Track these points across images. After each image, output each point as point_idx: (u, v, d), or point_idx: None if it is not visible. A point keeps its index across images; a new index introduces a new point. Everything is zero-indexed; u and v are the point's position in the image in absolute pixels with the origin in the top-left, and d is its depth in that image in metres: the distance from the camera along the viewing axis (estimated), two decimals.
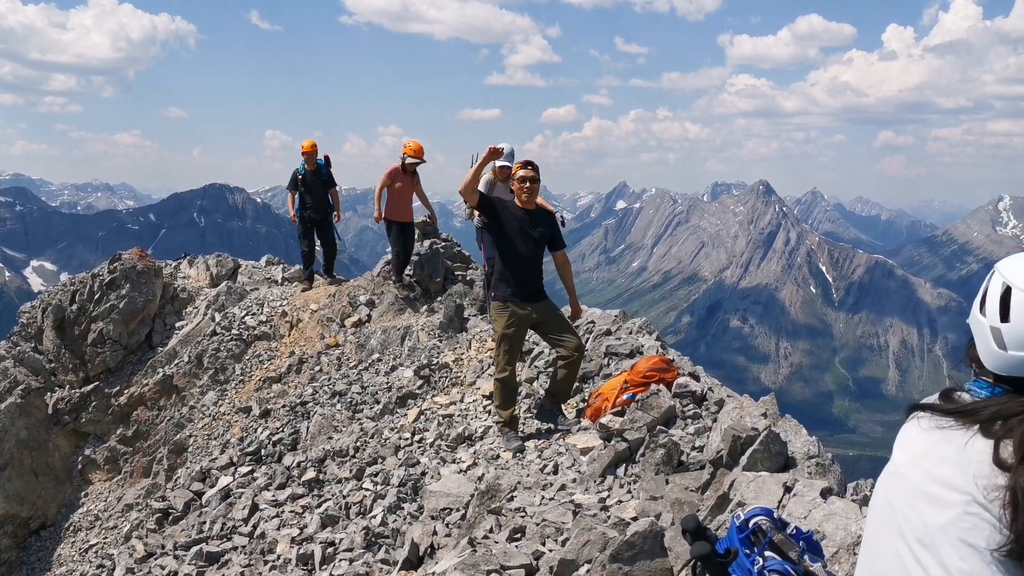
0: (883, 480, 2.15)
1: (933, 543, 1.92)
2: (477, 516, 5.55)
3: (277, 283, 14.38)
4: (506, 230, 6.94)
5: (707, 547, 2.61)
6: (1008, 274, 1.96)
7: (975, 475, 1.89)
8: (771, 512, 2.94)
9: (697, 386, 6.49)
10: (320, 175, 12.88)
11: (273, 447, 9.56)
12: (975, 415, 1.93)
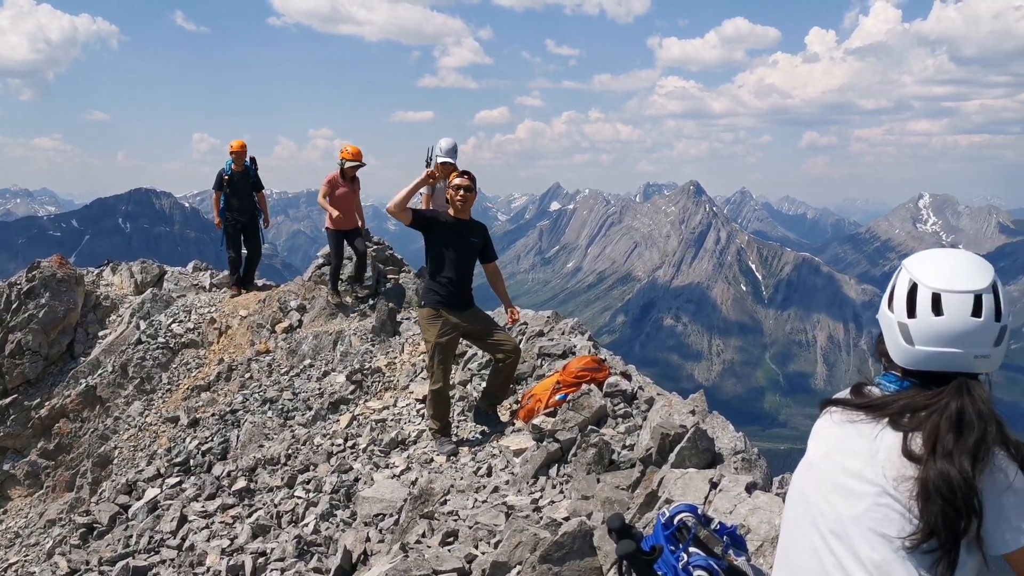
0: (798, 474, 2.21)
1: (846, 534, 1.98)
2: (410, 521, 5.52)
3: (205, 289, 14.08)
4: (439, 241, 6.92)
5: (632, 545, 2.63)
6: (914, 271, 2.02)
7: (884, 467, 1.95)
8: (695, 508, 2.99)
9: (628, 385, 6.56)
10: (248, 177, 12.60)
11: (202, 457, 9.37)
12: (884, 409, 2.00)
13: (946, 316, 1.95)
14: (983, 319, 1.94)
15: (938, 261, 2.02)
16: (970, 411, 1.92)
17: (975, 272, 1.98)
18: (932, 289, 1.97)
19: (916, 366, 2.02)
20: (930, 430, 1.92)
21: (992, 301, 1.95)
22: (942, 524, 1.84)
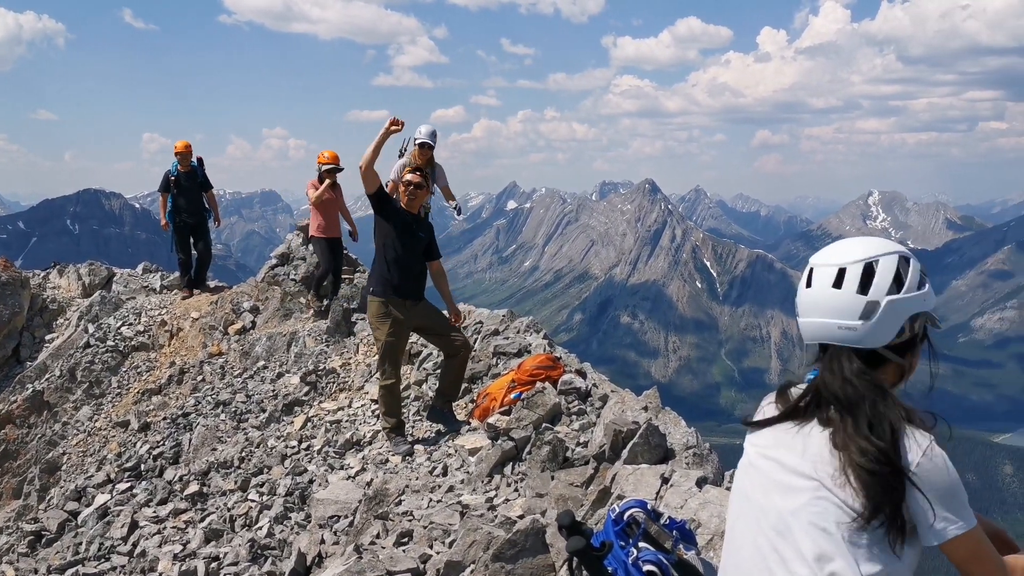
0: (739, 473, 2.25)
1: (788, 530, 2.01)
2: (364, 522, 5.49)
3: (155, 291, 13.87)
4: (391, 226, 6.91)
5: (582, 542, 2.65)
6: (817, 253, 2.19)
7: (816, 462, 2.00)
8: (645, 504, 3.01)
9: (582, 383, 6.59)
10: (195, 177, 12.43)
11: (153, 461, 9.22)
12: (803, 409, 2.08)
13: (813, 287, 2.09)
14: (842, 290, 2.04)
15: (838, 242, 2.16)
16: (832, 382, 2.02)
17: (855, 249, 2.09)
18: (810, 264, 2.13)
19: (804, 339, 2.15)
20: (837, 426, 1.99)
21: (858, 274, 2.04)
22: (882, 496, 1.89)
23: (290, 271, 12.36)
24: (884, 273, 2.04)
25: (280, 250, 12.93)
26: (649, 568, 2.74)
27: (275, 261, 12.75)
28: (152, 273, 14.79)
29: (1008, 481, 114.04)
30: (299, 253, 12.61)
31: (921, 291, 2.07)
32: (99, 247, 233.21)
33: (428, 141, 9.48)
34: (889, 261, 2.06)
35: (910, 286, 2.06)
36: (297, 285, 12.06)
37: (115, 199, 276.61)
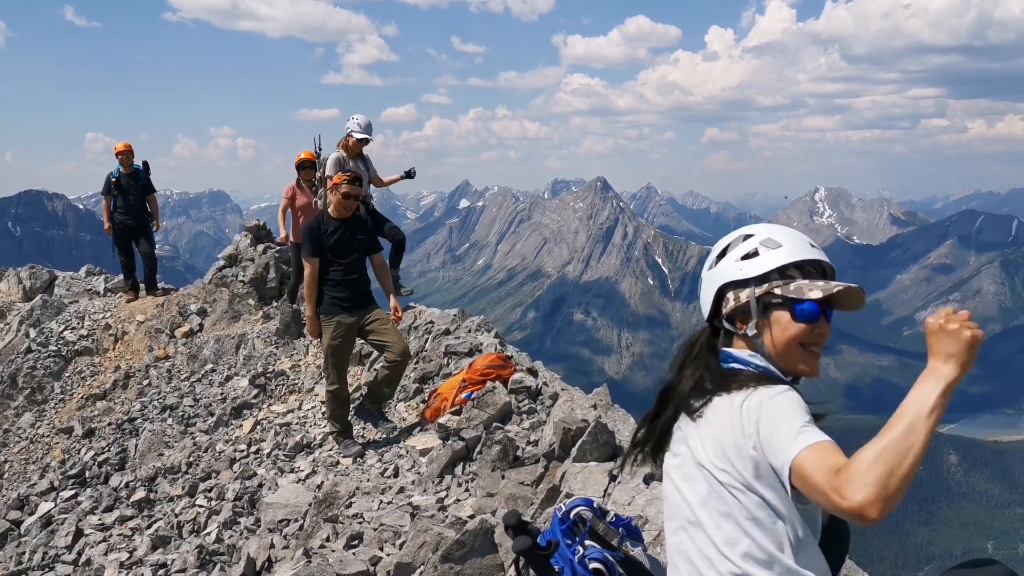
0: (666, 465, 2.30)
1: (698, 520, 2.07)
2: (314, 525, 5.44)
3: (99, 294, 13.59)
4: (328, 252, 6.81)
5: (528, 541, 2.66)
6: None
7: (695, 447, 2.09)
8: (591, 502, 3.04)
9: (533, 381, 6.62)
10: (138, 179, 12.22)
11: (99, 468, 9.04)
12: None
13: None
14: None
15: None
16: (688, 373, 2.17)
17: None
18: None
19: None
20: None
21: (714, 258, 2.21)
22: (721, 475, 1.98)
23: (238, 272, 12.21)
24: (716, 250, 2.19)
25: (228, 251, 12.76)
26: (595, 566, 2.76)
27: (223, 262, 12.57)
28: (96, 276, 14.50)
29: (953, 471, 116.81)
30: (248, 254, 12.46)
31: (741, 262, 2.13)
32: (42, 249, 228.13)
33: (366, 137, 9.32)
34: (727, 239, 2.19)
35: (728, 259, 2.15)
36: (246, 287, 11.91)
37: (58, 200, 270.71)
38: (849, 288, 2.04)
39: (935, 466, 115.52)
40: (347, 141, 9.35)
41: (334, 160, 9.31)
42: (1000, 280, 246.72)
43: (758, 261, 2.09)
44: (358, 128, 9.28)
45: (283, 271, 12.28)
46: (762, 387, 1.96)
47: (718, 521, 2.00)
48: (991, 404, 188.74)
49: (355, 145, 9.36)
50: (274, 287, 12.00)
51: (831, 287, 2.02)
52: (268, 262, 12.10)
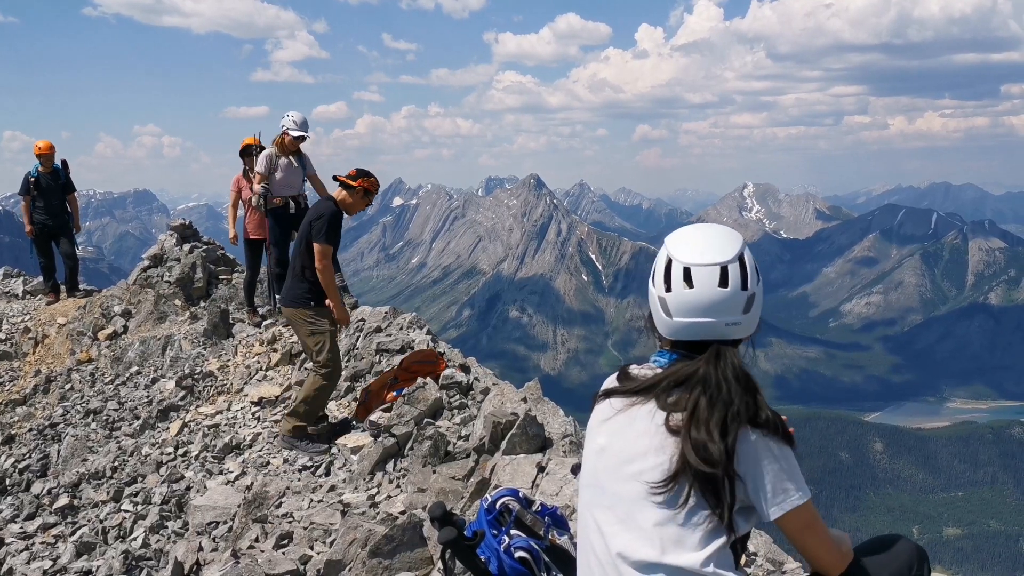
0: (588, 459, 2.31)
1: (630, 517, 2.10)
2: (243, 527, 5.38)
3: (18, 297, 13.18)
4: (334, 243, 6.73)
5: (453, 532, 2.68)
6: (670, 247, 2.17)
7: (648, 448, 2.09)
8: (517, 492, 3.07)
9: (464, 377, 6.63)
10: (58, 178, 11.90)
11: (19, 475, 8.77)
12: (654, 388, 2.14)
13: (696, 288, 2.08)
14: (729, 289, 2.08)
15: (690, 236, 2.18)
16: (716, 377, 2.05)
17: (722, 244, 2.12)
18: (683, 263, 2.11)
19: (677, 336, 2.16)
20: (691, 404, 2.06)
21: (738, 271, 2.09)
22: (709, 487, 1.98)
23: (164, 273, 11.95)
24: (751, 264, 2.12)
25: (153, 251, 12.48)
26: (521, 554, 2.80)
27: (148, 263, 12.29)
28: (14, 278, 14.05)
29: (879, 458, 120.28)
30: (174, 254, 12.20)
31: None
32: None
33: (303, 134, 9.19)
34: (748, 252, 2.13)
35: (756, 270, 2.15)
36: (172, 287, 11.66)
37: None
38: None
39: (861, 453, 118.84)
40: (282, 139, 9.20)
41: (264, 157, 9.18)
42: (921, 272, 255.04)
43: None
44: (293, 125, 9.15)
45: (210, 271, 12.07)
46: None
47: (655, 516, 2.04)
48: (914, 392, 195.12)
49: (291, 143, 9.22)
50: (201, 287, 11.77)
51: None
52: (195, 262, 11.87)
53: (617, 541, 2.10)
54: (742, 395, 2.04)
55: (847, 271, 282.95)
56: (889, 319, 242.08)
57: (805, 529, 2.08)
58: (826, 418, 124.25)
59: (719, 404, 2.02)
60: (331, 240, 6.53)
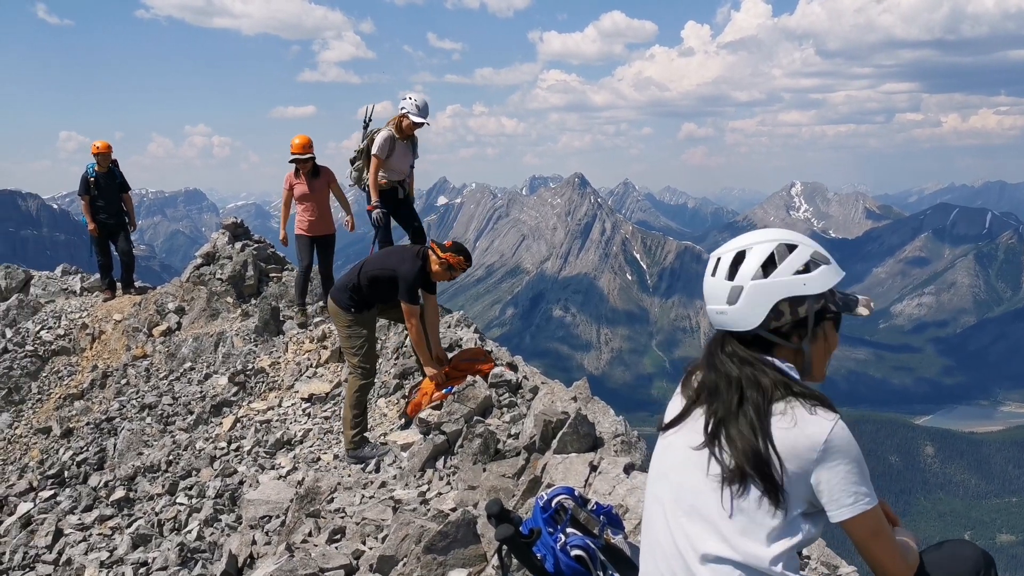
0: (657, 452, 2.33)
1: (695, 510, 2.11)
2: (296, 521, 5.46)
3: (76, 294, 13.49)
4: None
5: (511, 529, 2.70)
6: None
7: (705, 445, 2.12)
8: (573, 491, 3.08)
9: (513, 375, 6.65)
10: (113, 177, 12.15)
11: (77, 468, 8.99)
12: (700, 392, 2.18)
13: (706, 276, 2.23)
14: (715, 278, 2.18)
15: (743, 234, 2.26)
16: (713, 374, 2.14)
17: (739, 239, 2.21)
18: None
19: (718, 327, 2.25)
20: (708, 414, 2.13)
21: (728, 261, 2.17)
22: (767, 488, 1.98)
23: (216, 270, 12.15)
24: (753, 260, 2.14)
25: (205, 249, 12.69)
26: (577, 553, 2.80)
27: (200, 261, 12.51)
28: (72, 275, 14.38)
29: (930, 462, 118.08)
30: (225, 252, 12.40)
31: (799, 276, 2.12)
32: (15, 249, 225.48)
33: (425, 121, 8.60)
34: (763, 248, 2.14)
35: (782, 271, 2.12)
36: (224, 285, 11.86)
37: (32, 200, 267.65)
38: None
39: (912, 457, 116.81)
40: (400, 121, 8.66)
41: (384, 139, 8.64)
42: (974, 273, 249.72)
43: (819, 277, 2.13)
44: (416, 109, 8.52)
45: (261, 268, 12.25)
46: (820, 409, 2.04)
47: (720, 515, 2.05)
48: (966, 395, 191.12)
49: (408, 127, 8.71)
50: (252, 284, 11.96)
51: (870, 303, 2.20)
52: (246, 260, 12.06)
53: (683, 534, 2.11)
54: (741, 369, 2.10)
55: (898, 271, 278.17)
56: (941, 320, 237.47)
57: (871, 536, 2.05)
58: (876, 421, 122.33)
59: (718, 391, 2.12)
60: (416, 299, 6.52)
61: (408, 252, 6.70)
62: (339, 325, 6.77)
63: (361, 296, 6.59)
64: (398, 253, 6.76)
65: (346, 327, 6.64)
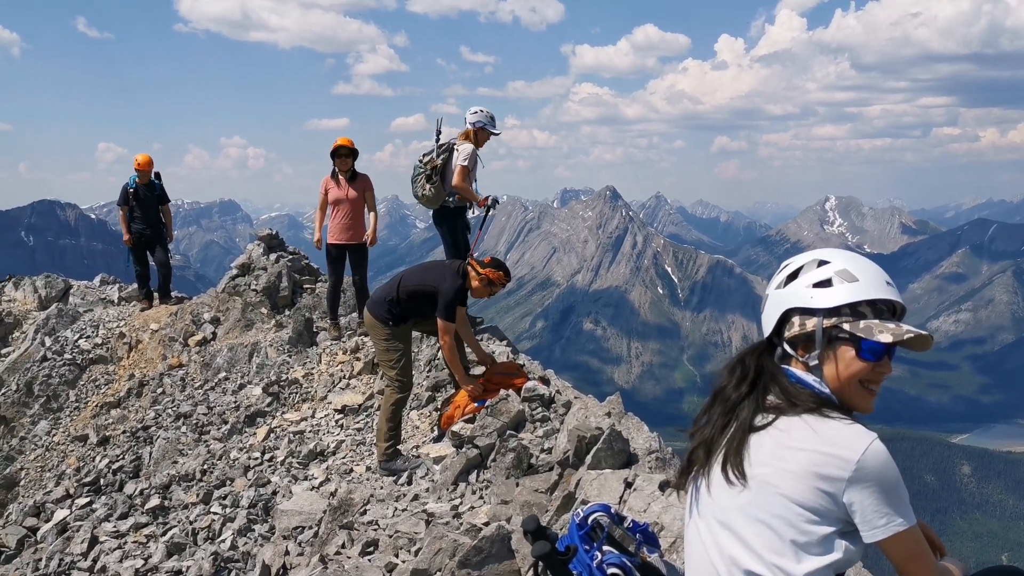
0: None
1: (731, 524, 2.09)
2: (329, 532, 5.47)
3: (113, 303, 13.69)
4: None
5: (547, 546, 2.68)
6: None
7: (752, 458, 2.11)
8: (609, 508, 3.06)
9: (545, 389, 6.63)
10: (153, 189, 12.32)
11: (113, 476, 9.10)
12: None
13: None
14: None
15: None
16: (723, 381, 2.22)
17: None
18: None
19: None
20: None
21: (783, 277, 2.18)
22: (803, 504, 1.98)
23: (251, 281, 12.28)
24: (786, 271, 2.15)
25: (241, 260, 12.83)
26: (613, 571, 2.78)
27: (236, 271, 12.64)
28: (110, 285, 14.60)
29: (966, 481, 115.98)
30: (260, 263, 12.53)
31: (810, 289, 2.09)
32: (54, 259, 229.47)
33: (496, 132, 8.77)
34: (799, 261, 2.16)
35: (799, 283, 2.11)
36: (259, 295, 11.97)
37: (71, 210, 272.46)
38: (919, 335, 2.03)
39: (948, 477, 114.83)
40: (476, 134, 8.69)
41: (472, 152, 8.61)
42: (1013, 289, 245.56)
43: (831, 292, 2.05)
44: (492, 123, 8.70)
45: (295, 280, 12.36)
46: (857, 426, 2.01)
47: (758, 530, 2.02)
48: (1004, 414, 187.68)
49: (484, 139, 8.77)
50: (287, 296, 12.06)
51: (902, 332, 2.02)
52: (281, 271, 12.18)
53: (717, 550, 2.10)
54: (757, 369, 2.14)
55: (934, 287, 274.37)
56: (978, 337, 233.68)
57: (908, 559, 2.01)
58: (911, 439, 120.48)
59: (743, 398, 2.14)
60: (453, 317, 6.50)
61: (448, 269, 6.69)
62: (376, 338, 6.78)
63: (400, 310, 6.62)
64: (438, 269, 6.76)
65: (384, 340, 6.66)
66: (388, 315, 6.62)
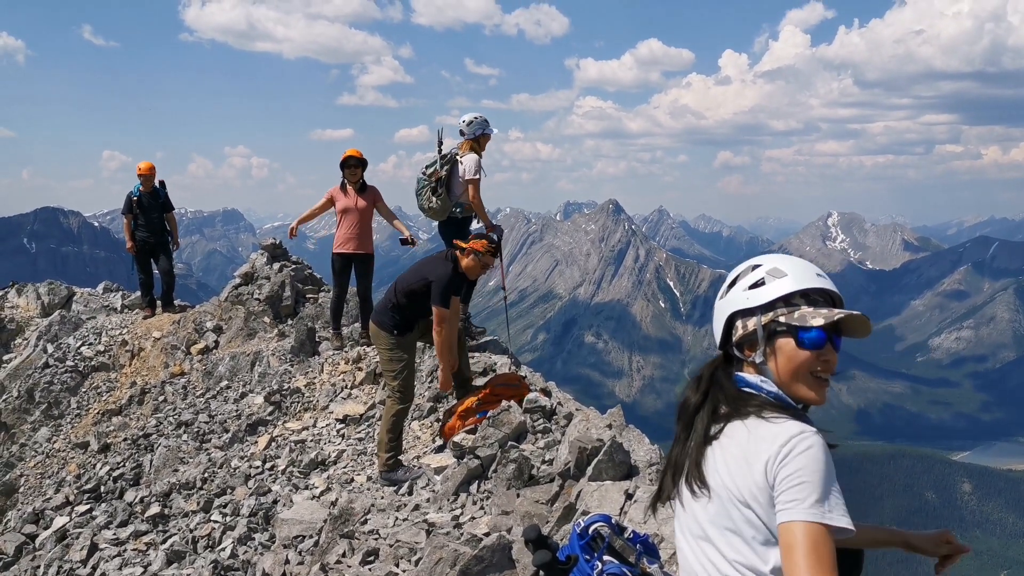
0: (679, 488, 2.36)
1: (706, 536, 2.14)
2: (330, 541, 5.48)
3: (116, 311, 13.71)
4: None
5: (548, 555, 2.69)
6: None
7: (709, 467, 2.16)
8: (609, 518, 3.07)
9: (547, 401, 6.65)
10: (157, 197, 12.35)
11: (114, 483, 9.11)
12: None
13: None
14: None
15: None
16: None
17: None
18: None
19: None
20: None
21: (725, 288, 2.28)
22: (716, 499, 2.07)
23: (254, 290, 12.30)
24: (727, 280, 2.26)
25: (244, 269, 12.85)
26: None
27: (239, 280, 12.66)
28: (113, 292, 14.63)
29: (967, 499, 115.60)
30: (263, 272, 12.55)
31: (748, 292, 2.17)
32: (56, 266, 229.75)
33: (490, 131, 8.79)
34: (737, 269, 2.26)
35: (737, 289, 2.21)
36: (261, 305, 11.98)
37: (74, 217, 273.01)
38: (852, 315, 2.07)
39: (948, 494, 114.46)
40: (479, 141, 8.71)
41: (478, 161, 8.57)
42: (1015, 307, 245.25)
43: (764, 290, 2.14)
44: (487, 125, 8.73)
45: (298, 289, 12.38)
46: (790, 422, 2.00)
47: (727, 537, 2.06)
48: (1005, 432, 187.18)
49: (486, 143, 8.80)
50: (289, 305, 12.08)
51: (833, 314, 2.06)
52: (284, 280, 12.20)
53: (701, 558, 2.14)
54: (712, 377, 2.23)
55: (936, 304, 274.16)
56: (980, 355, 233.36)
57: (791, 551, 1.86)
58: (911, 456, 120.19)
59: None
60: (448, 303, 6.51)
61: (438, 259, 6.77)
62: (381, 348, 6.80)
63: (402, 314, 6.65)
64: (429, 263, 6.83)
65: (388, 350, 6.68)
66: (392, 323, 6.65)
